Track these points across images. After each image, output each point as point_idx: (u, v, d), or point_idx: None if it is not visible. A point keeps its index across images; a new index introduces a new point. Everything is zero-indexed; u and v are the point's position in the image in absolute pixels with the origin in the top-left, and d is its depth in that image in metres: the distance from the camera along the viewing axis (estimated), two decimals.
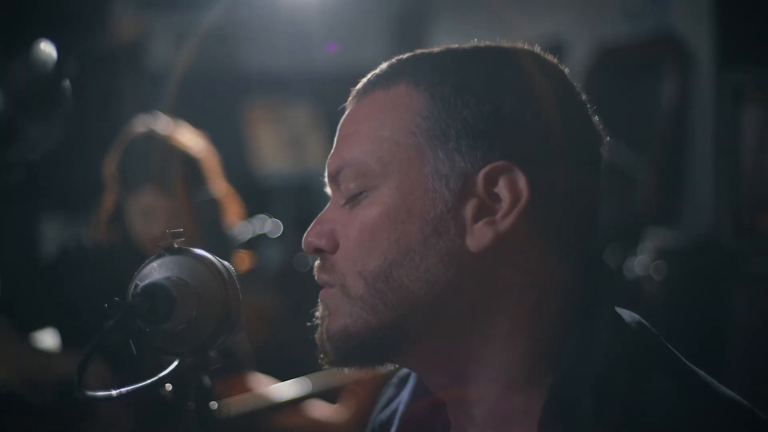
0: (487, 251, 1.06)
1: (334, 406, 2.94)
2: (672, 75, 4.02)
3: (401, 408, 1.23)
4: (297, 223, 5.81)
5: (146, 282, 1.08)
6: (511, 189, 1.06)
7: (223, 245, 2.61)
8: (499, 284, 1.08)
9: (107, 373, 2.32)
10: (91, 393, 1.06)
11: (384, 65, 1.16)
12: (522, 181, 1.06)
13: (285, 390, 2.91)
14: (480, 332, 1.09)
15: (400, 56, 1.16)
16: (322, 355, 1.14)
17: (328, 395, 2.90)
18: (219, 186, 2.82)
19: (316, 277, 1.15)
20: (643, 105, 4.29)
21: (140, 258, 1.16)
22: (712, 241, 3.53)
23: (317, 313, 1.15)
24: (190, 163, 2.77)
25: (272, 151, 5.77)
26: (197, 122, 2.95)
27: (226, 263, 1.16)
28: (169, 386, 1.28)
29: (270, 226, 2.77)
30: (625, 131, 4.40)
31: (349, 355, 1.12)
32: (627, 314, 1.12)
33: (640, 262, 3.48)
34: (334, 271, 1.11)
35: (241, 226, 2.77)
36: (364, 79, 1.16)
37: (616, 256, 3.59)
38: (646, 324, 1.13)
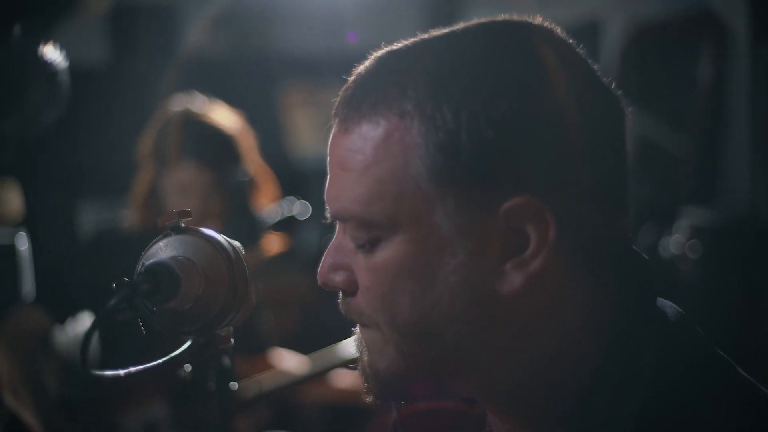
0: (520, 292, 0.98)
1: (351, 373, 2.96)
2: (708, 52, 3.98)
3: None
4: None
5: (151, 261, 1.09)
6: (537, 227, 0.97)
7: (251, 226, 2.62)
8: (535, 320, 1.00)
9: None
10: (97, 371, 1.06)
11: (363, 79, 1.03)
12: (548, 216, 0.96)
13: (311, 363, 2.93)
14: (518, 364, 1.02)
15: (372, 71, 1.03)
16: (369, 387, 1.08)
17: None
18: (254, 166, 2.83)
19: (342, 311, 1.08)
20: (680, 83, 4.24)
21: None
22: (749, 219, 3.49)
23: (355, 340, 1.10)
24: (225, 142, 2.78)
25: (307, 134, 5.78)
26: (233, 105, 2.96)
27: (233, 242, 1.16)
28: (188, 367, 1.29)
29: (299, 207, 2.77)
30: (661, 109, 4.36)
31: (393, 393, 1.09)
32: (669, 308, 1.05)
33: (676, 241, 3.45)
34: (363, 315, 1.05)
35: (269, 208, 2.78)
36: (345, 96, 1.04)
37: (651, 235, 3.57)
38: (690, 322, 1.05)
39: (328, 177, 1.06)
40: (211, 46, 5.86)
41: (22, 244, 3.73)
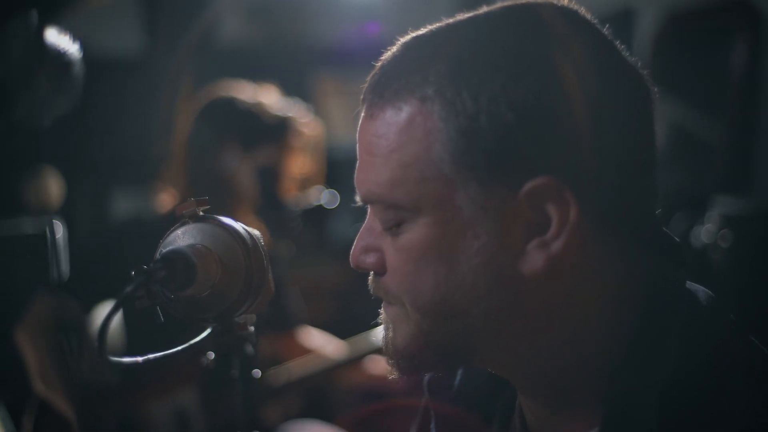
0: (542, 273, 0.99)
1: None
2: (742, 40, 3.94)
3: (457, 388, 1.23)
4: None
5: (167, 249, 1.10)
6: (558, 208, 0.97)
7: (281, 215, 2.63)
8: (559, 300, 1.01)
9: None
10: (115, 358, 1.07)
11: (388, 66, 1.05)
12: (569, 197, 0.97)
13: (344, 349, 2.94)
14: (543, 345, 1.03)
15: (397, 57, 1.05)
16: (390, 362, 1.11)
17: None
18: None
19: (371, 290, 1.11)
20: (713, 71, 4.21)
21: None
22: None
23: (381, 318, 1.13)
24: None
25: (339, 123, 5.79)
26: None
27: (251, 230, 1.17)
28: (211, 355, 1.30)
29: (327, 197, 2.78)
30: (695, 98, 4.33)
31: (414, 368, 1.10)
32: (701, 292, 1.05)
33: (707, 230, 3.43)
34: (390, 293, 1.07)
35: (298, 197, 2.79)
36: (372, 83, 1.06)
37: (683, 224, 3.55)
38: (721, 304, 1.05)
39: (358, 162, 1.08)
40: (245, 35, 5.89)
41: (57, 231, 3.77)
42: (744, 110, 3.90)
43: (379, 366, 2.98)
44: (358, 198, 1.10)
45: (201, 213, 1.14)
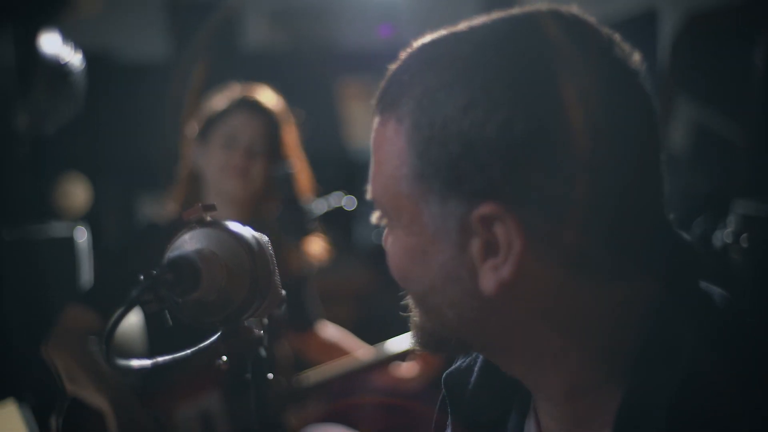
0: (500, 293, 1.01)
1: (407, 364, 2.99)
2: (763, 39, 3.92)
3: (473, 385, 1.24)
4: None
5: (174, 254, 1.12)
6: (503, 235, 0.99)
7: (301, 219, 2.65)
8: (525, 314, 1.03)
9: None
10: (124, 362, 1.10)
11: (389, 77, 1.09)
12: (513, 226, 0.98)
13: (367, 350, 2.96)
14: (527, 350, 1.06)
15: (399, 65, 1.09)
16: (413, 339, 1.16)
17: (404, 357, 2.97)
18: (297, 159, 2.87)
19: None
20: (735, 72, 4.19)
21: None
22: None
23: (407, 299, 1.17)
24: (272, 125, 2.82)
25: (365, 127, 5.81)
26: (291, 97, 2.99)
27: (257, 235, 1.19)
28: (224, 358, 1.31)
29: (346, 201, 2.79)
30: (717, 99, 4.31)
31: (428, 347, 1.15)
32: (717, 294, 1.06)
33: (729, 233, 3.41)
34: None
35: (317, 201, 2.81)
36: (379, 91, 1.10)
37: (705, 227, 3.53)
38: (737, 305, 1.05)
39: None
40: (269, 40, 5.92)
41: (81, 236, 3.82)
42: (766, 111, 3.88)
43: (403, 371, 2.99)
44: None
45: (208, 218, 1.16)
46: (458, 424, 1.25)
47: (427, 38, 1.09)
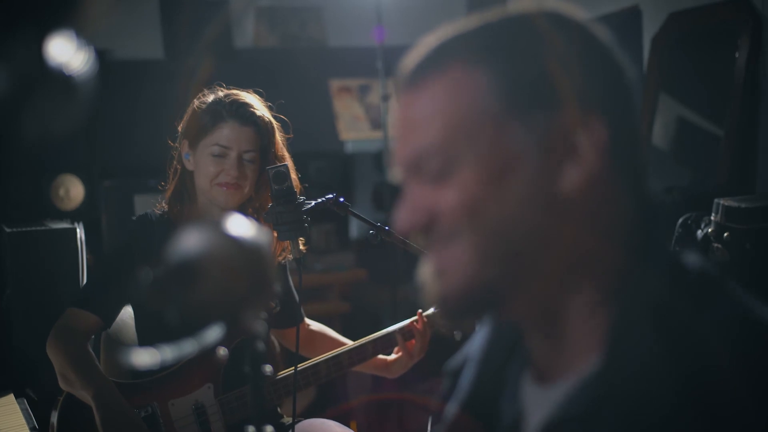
0: (578, 192, 1.16)
1: (392, 354, 3.04)
2: (743, 39, 3.95)
3: (472, 363, 1.36)
4: (376, 194, 5.91)
5: (174, 252, 1.16)
6: (590, 133, 1.15)
7: (294, 217, 2.67)
8: (590, 221, 1.17)
9: None
10: (135, 357, 1.15)
11: (424, 49, 1.22)
12: (595, 123, 1.15)
13: (353, 343, 3.00)
14: (571, 271, 1.18)
15: (435, 39, 1.22)
16: (439, 311, 1.24)
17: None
18: (286, 158, 2.89)
19: (422, 247, 1.24)
20: (716, 71, 4.21)
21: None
22: None
23: (425, 273, 1.24)
24: (262, 133, 2.84)
25: (356, 124, 5.86)
26: (282, 95, 2.99)
27: (257, 231, 1.23)
28: (224, 351, 1.35)
29: (338, 199, 2.83)
30: (697, 98, 4.35)
31: (465, 308, 1.21)
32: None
33: (711, 230, 3.45)
34: (442, 235, 1.20)
35: (309, 200, 2.83)
36: (409, 67, 1.23)
37: (688, 224, 3.57)
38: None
39: (398, 137, 1.24)
40: (262, 40, 5.95)
41: (79, 234, 3.87)
42: (746, 110, 3.92)
43: (388, 360, 3.04)
44: (397, 171, 1.25)
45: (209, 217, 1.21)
46: (460, 405, 1.35)
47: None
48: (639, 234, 1.20)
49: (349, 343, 3.00)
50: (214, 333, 1.22)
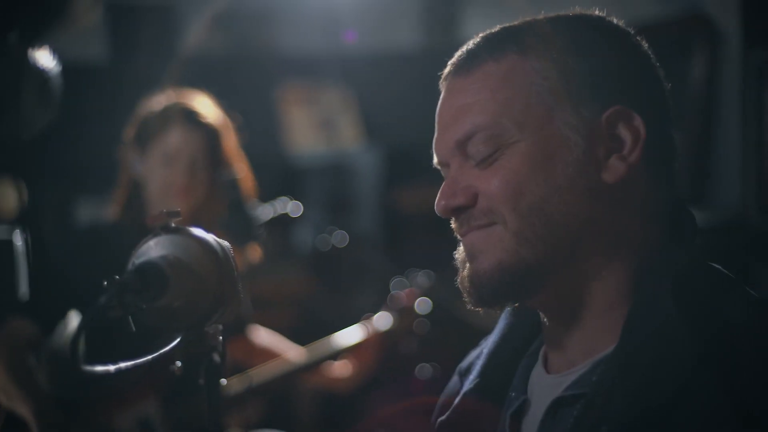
0: (620, 182, 1.24)
1: (339, 363, 3.00)
2: (700, 55, 3.99)
3: (482, 358, 1.39)
4: (328, 203, 5.87)
5: (140, 260, 1.13)
6: (631, 128, 1.24)
7: (247, 224, 2.65)
8: (628, 211, 1.25)
9: None
10: (88, 368, 1.10)
11: (478, 41, 1.30)
12: (638, 121, 1.24)
13: (303, 352, 2.96)
14: (603, 257, 1.25)
15: (488, 34, 1.30)
16: (468, 296, 1.28)
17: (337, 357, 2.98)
18: (239, 164, 2.84)
19: (456, 228, 1.30)
20: (672, 85, 4.25)
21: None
22: (739, 221, 3.50)
23: (458, 257, 1.32)
24: (214, 135, 2.78)
25: (304, 133, 5.82)
26: (231, 102, 2.96)
27: (221, 241, 1.20)
28: (179, 364, 1.32)
29: (291, 207, 2.80)
30: None
31: (499, 290, 1.27)
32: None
33: None
34: (483, 214, 1.26)
35: (263, 206, 2.80)
36: (461, 55, 1.31)
37: None
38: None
39: (446, 122, 1.30)
40: (209, 44, 5.89)
41: (17, 240, 3.76)
42: (701, 123, 3.94)
43: (338, 370, 3.01)
44: (444, 149, 1.31)
45: (173, 224, 1.17)
46: (468, 393, 1.39)
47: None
48: (670, 224, 1.26)
49: (298, 353, 2.96)
50: (172, 344, 1.20)
